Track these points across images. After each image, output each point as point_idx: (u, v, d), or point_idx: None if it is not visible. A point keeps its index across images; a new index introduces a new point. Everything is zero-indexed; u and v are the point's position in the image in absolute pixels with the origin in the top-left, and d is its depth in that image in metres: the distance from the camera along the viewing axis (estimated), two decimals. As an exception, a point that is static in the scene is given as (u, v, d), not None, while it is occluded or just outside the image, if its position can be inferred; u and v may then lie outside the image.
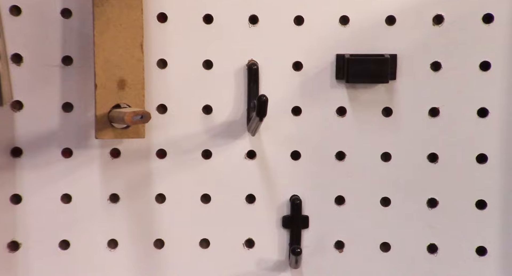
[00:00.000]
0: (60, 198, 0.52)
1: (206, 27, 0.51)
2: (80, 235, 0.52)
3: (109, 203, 0.52)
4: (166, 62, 0.51)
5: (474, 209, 0.53)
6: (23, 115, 0.51)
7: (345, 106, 0.52)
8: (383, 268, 0.54)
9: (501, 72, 0.51)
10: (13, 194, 0.51)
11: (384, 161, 0.52)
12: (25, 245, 0.52)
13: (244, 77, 0.51)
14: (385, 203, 0.53)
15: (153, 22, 0.50)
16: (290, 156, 0.52)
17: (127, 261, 0.53)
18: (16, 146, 0.51)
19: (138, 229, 0.53)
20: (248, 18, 0.51)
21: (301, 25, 0.51)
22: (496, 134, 0.52)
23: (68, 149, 0.51)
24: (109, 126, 0.48)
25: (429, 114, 0.52)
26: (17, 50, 0.50)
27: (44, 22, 0.49)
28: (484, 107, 0.51)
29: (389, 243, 0.53)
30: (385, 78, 0.50)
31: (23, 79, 0.50)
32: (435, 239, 0.53)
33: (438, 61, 0.51)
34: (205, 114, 0.52)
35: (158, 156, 0.52)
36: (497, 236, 0.53)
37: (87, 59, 0.50)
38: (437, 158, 0.52)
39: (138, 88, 0.49)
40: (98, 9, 0.47)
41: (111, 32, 0.48)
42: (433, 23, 0.51)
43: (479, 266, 0.53)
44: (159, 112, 0.51)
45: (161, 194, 0.53)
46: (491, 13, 0.50)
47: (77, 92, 0.51)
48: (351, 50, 0.51)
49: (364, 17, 0.51)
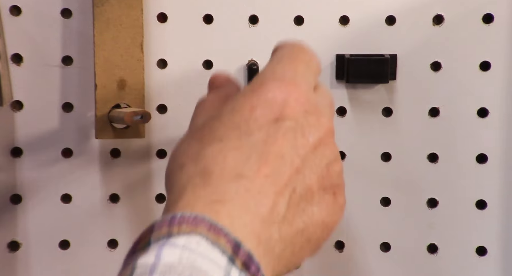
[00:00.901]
0: (60, 198, 0.52)
1: (206, 27, 0.51)
2: (80, 235, 0.52)
3: (109, 203, 0.52)
4: (166, 62, 0.51)
5: (474, 209, 0.53)
6: (23, 115, 0.51)
7: (345, 106, 0.52)
8: (383, 268, 0.54)
9: (501, 72, 0.51)
10: (13, 194, 0.52)
11: (384, 161, 0.52)
12: (25, 245, 0.52)
13: (244, 77, 0.51)
14: (385, 203, 0.53)
15: (153, 22, 0.50)
16: (290, 156, 0.52)
17: (127, 261, 0.53)
18: (16, 146, 0.51)
19: (138, 229, 0.53)
20: (248, 18, 0.51)
21: (301, 25, 0.51)
22: (496, 134, 0.52)
23: (68, 149, 0.51)
24: (109, 126, 0.48)
25: (429, 114, 0.52)
26: (17, 50, 0.50)
27: (44, 22, 0.49)
28: (484, 107, 0.51)
29: (389, 243, 0.53)
30: (385, 78, 0.50)
31: (23, 79, 0.50)
32: (435, 239, 0.53)
33: (438, 61, 0.51)
34: (205, 114, 0.52)
35: (158, 156, 0.52)
36: (497, 236, 0.53)
37: (87, 59, 0.50)
38: (437, 158, 0.52)
39: (138, 88, 0.49)
40: (98, 9, 0.47)
41: (111, 32, 0.48)
42: (433, 23, 0.51)
43: (479, 266, 0.53)
44: (159, 112, 0.51)
45: (161, 194, 0.53)
46: (491, 13, 0.50)
47: (77, 92, 0.51)
48: (351, 50, 0.51)
49: (364, 17, 0.51)
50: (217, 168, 0.31)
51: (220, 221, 0.28)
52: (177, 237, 0.27)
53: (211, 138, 0.32)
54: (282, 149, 0.31)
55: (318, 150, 0.33)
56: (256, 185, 0.30)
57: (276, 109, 0.32)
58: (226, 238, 0.27)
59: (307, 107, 0.33)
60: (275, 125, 0.32)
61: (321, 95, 0.36)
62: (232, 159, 0.31)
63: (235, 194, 0.30)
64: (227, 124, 0.32)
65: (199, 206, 0.29)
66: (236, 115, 0.32)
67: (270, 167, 0.31)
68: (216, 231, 0.27)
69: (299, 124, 0.32)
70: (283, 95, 0.32)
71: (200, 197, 0.30)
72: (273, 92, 0.33)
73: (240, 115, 0.32)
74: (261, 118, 0.32)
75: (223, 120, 0.33)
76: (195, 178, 0.31)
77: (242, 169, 0.30)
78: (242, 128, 0.32)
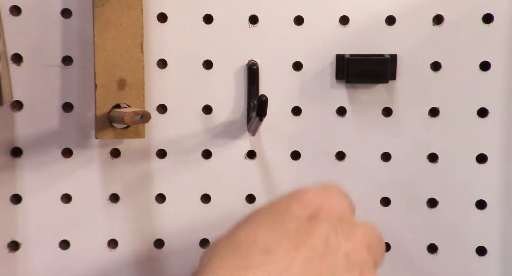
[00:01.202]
0: (60, 198, 0.52)
1: (206, 27, 0.51)
2: (80, 235, 0.52)
3: (109, 203, 0.52)
4: (166, 62, 0.51)
5: (474, 209, 0.53)
6: (23, 115, 0.51)
7: (345, 106, 0.52)
8: (383, 268, 0.53)
9: (501, 72, 0.51)
10: (13, 194, 0.52)
11: (384, 161, 0.52)
12: (25, 245, 0.52)
13: (244, 77, 0.51)
14: (385, 203, 0.53)
15: (153, 22, 0.50)
16: (290, 156, 0.52)
17: (127, 261, 0.53)
18: (16, 146, 0.51)
19: (138, 229, 0.53)
20: (248, 18, 0.51)
21: (301, 25, 0.51)
22: (496, 134, 0.52)
23: (68, 149, 0.51)
24: (109, 126, 0.48)
25: (429, 114, 0.52)
26: (17, 50, 0.50)
27: (44, 22, 0.50)
28: (484, 107, 0.51)
29: (389, 243, 0.53)
30: (385, 78, 0.50)
31: (23, 79, 0.50)
32: (435, 239, 0.53)
33: (438, 61, 0.51)
34: (205, 114, 0.52)
35: (158, 156, 0.52)
36: (497, 236, 0.53)
37: (87, 59, 0.50)
38: (437, 158, 0.52)
39: (138, 88, 0.49)
40: (98, 9, 0.47)
41: (111, 32, 0.48)
42: (433, 23, 0.51)
43: (479, 266, 0.53)
44: (159, 112, 0.51)
45: (161, 194, 0.53)
46: (491, 13, 0.50)
47: (77, 92, 0.51)
48: (351, 50, 0.51)
49: (364, 17, 0.51)
50: (247, 242, 0.31)
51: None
52: None
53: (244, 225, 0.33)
54: (314, 242, 0.32)
55: (351, 256, 0.33)
56: (283, 261, 0.30)
57: (311, 209, 0.33)
58: None
59: (342, 215, 0.34)
60: (309, 221, 0.33)
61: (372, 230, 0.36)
62: (263, 237, 0.31)
63: (261, 263, 0.30)
64: (263, 215, 0.33)
65: (223, 271, 0.30)
66: (272, 209, 0.34)
67: (300, 253, 0.31)
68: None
69: (332, 226, 0.33)
70: (319, 199, 0.34)
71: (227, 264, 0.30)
72: (310, 196, 0.34)
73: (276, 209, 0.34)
74: (296, 213, 0.33)
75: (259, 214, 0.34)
76: (223, 249, 0.32)
77: (272, 246, 0.31)
78: (277, 217, 0.33)
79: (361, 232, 0.34)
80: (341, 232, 0.33)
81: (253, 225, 0.33)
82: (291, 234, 0.32)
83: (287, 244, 0.31)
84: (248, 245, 0.31)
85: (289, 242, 0.31)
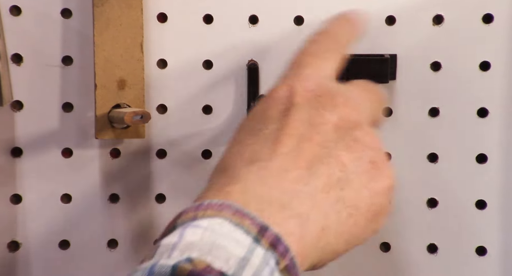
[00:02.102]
0: (60, 198, 0.52)
1: (206, 27, 0.51)
2: (80, 235, 0.52)
3: (109, 203, 0.52)
4: (166, 62, 0.51)
5: (474, 209, 0.53)
6: (23, 115, 0.51)
7: (345, 106, 0.51)
8: (383, 268, 0.54)
9: (501, 72, 0.51)
10: (13, 194, 0.52)
11: (384, 161, 0.52)
12: (25, 245, 0.52)
13: (244, 77, 0.51)
14: (385, 203, 0.53)
15: (153, 22, 0.50)
16: (290, 156, 0.52)
17: (127, 261, 0.53)
18: (16, 146, 0.51)
19: (138, 229, 0.53)
20: (248, 18, 0.51)
21: (301, 25, 0.51)
22: (496, 134, 0.52)
23: (68, 149, 0.51)
24: (109, 126, 0.48)
25: (429, 114, 0.52)
26: (17, 50, 0.50)
27: (44, 22, 0.50)
28: (484, 107, 0.51)
29: (389, 243, 0.53)
30: (385, 78, 0.50)
31: (23, 79, 0.50)
32: (435, 239, 0.53)
33: (438, 61, 0.51)
34: (205, 114, 0.52)
35: (158, 156, 0.52)
36: (497, 236, 0.53)
37: (87, 59, 0.50)
38: (437, 158, 0.52)
39: (138, 88, 0.49)
40: (98, 9, 0.47)
41: (111, 32, 0.48)
42: (433, 23, 0.51)
43: (479, 266, 0.53)
44: (159, 112, 0.51)
45: (161, 194, 0.53)
46: (491, 13, 0.50)
47: (77, 92, 0.51)
48: (351, 50, 0.51)
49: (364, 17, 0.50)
50: (232, 163, 0.32)
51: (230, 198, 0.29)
52: (201, 219, 0.28)
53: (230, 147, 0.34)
54: (296, 129, 0.32)
55: (340, 125, 0.33)
56: (273, 163, 0.31)
57: (284, 101, 0.33)
58: (251, 221, 0.28)
59: (318, 92, 0.33)
60: (286, 113, 0.33)
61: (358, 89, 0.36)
62: (248, 152, 0.32)
63: (248, 173, 0.30)
64: (243, 131, 0.34)
65: (211, 192, 0.30)
66: (252, 120, 0.34)
67: (286, 146, 0.31)
68: (241, 214, 0.28)
69: (312, 106, 0.33)
70: (288, 88, 0.34)
71: (216, 186, 0.31)
72: (277, 90, 0.34)
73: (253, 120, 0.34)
74: (273, 114, 0.33)
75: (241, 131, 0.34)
76: (213, 176, 0.33)
77: (256, 156, 0.31)
78: (257, 127, 0.33)
79: (342, 98, 0.34)
80: (322, 107, 0.33)
81: (236, 144, 0.33)
82: (273, 135, 0.32)
83: (271, 146, 0.31)
84: (234, 165, 0.32)
85: (273, 142, 0.32)
